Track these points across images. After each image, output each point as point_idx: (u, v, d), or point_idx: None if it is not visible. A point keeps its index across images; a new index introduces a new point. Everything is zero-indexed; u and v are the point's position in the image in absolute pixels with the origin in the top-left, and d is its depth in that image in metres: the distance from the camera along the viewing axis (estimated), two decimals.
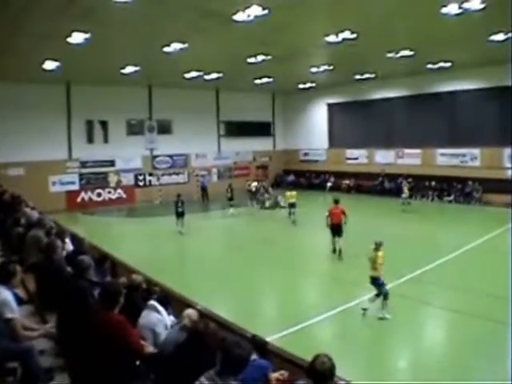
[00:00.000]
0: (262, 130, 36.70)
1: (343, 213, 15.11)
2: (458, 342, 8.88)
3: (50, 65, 19.88)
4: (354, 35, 16.28)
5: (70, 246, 8.78)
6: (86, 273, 5.93)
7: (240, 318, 7.62)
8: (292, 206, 20.97)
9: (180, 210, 19.50)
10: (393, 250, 15.71)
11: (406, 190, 24.07)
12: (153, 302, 5.42)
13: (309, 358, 3.43)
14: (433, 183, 27.27)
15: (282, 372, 4.25)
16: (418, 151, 28.77)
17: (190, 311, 4.96)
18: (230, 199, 24.23)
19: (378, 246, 10.06)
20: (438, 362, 7.91)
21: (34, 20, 13.49)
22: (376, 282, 9.94)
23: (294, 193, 21.18)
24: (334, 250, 15.31)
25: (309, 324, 9.61)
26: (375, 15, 14.27)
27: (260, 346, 4.53)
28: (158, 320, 5.17)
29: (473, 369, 7.62)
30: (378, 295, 9.96)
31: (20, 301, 5.27)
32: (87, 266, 6.04)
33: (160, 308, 5.34)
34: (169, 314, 5.55)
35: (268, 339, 5.40)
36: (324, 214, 15.54)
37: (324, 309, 10.42)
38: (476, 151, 25.92)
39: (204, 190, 30.32)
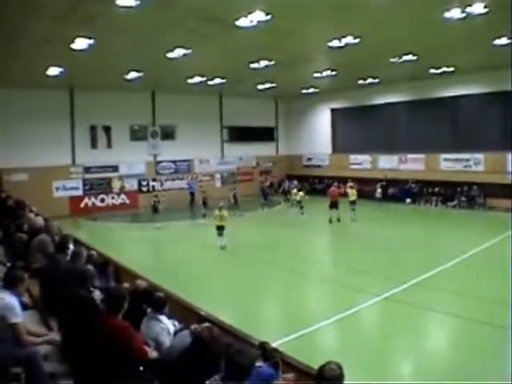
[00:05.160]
0: (265, 135, 36.73)
1: (339, 193, 22.41)
2: (463, 348, 8.81)
3: (53, 71, 19.98)
4: (357, 40, 16.30)
5: None
6: (90, 281, 5.95)
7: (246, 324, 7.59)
8: (352, 203, 22.70)
9: (156, 207, 23.13)
10: (396, 256, 15.90)
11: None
12: (149, 311, 5.37)
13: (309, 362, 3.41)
14: (436, 188, 27.25)
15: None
16: (421, 156, 28.72)
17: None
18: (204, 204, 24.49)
19: (220, 208, 17.24)
20: (443, 369, 7.85)
21: (38, 26, 13.57)
22: (223, 228, 16.95)
23: (355, 191, 23.29)
24: (331, 221, 21.76)
25: (313, 329, 9.57)
26: (378, 20, 14.28)
27: (268, 353, 4.50)
28: (162, 329, 5.11)
29: (477, 374, 7.54)
30: (221, 234, 16.90)
31: (24, 307, 5.23)
32: (91, 275, 6.05)
33: (160, 316, 5.27)
34: (169, 317, 5.50)
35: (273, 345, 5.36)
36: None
37: (326, 314, 10.39)
38: (480, 156, 25.83)
39: (193, 195, 29.68)
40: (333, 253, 18.65)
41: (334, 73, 23.99)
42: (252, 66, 20.78)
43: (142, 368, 4.54)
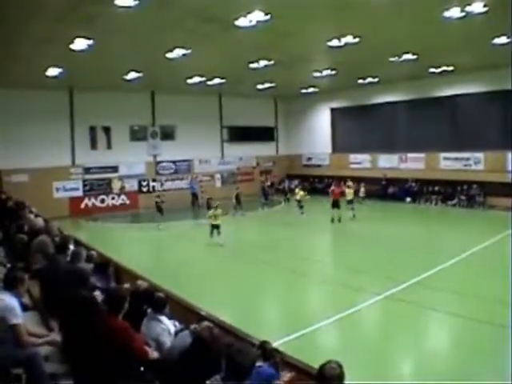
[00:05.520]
0: (264, 134, 36.70)
1: (341, 192, 22.52)
2: (463, 347, 8.81)
3: (53, 71, 19.97)
4: (357, 40, 16.29)
5: None
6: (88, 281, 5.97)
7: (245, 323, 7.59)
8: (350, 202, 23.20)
9: (160, 206, 22.96)
10: (396, 255, 15.90)
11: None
12: (150, 311, 5.38)
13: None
14: (436, 187, 27.25)
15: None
16: (421, 155, 28.70)
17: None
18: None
19: (216, 207, 17.85)
20: (443, 368, 7.85)
21: (38, 26, 13.56)
22: (219, 227, 17.41)
23: (352, 190, 23.62)
24: (332, 220, 21.83)
25: (314, 329, 9.57)
26: (378, 20, 14.28)
27: (268, 353, 4.50)
28: (162, 329, 5.12)
29: (478, 374, 7.54)
30: (219, 232, 17.39)
31: (25, 308, 5.22)
32: (88, 275, 6.06)
33: (160, 317, 5.28)
34: (170, 318, 5.50)
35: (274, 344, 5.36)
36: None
37: (327, 314, 10.39)
38: (480, 155, 25.80)
39: (195, 195, 29.52)
40: (333, 252, 18.69)
41: (333, 72, 23.97)
42: (251, 65, 20.76)
43: (142, 368, 4.55)
